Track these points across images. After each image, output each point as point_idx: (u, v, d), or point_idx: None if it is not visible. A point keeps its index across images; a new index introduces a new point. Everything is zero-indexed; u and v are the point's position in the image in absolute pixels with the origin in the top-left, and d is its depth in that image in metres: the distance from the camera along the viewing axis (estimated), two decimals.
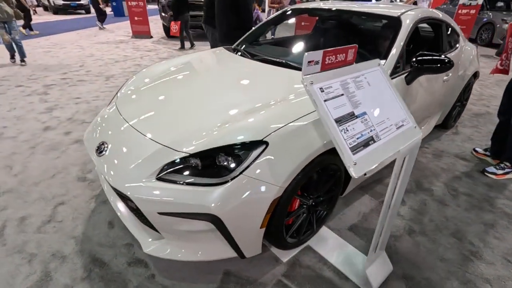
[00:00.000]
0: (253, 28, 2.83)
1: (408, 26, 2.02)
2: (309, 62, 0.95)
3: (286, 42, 2.72)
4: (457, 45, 2.74)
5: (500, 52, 7.13)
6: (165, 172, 1.33)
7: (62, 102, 3.77)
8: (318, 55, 0.97)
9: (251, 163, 1.26)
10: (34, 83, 4.46)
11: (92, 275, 1.53)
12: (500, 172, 2.38)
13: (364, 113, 1.05)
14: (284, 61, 2.06)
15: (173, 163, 1.33)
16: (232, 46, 2.67)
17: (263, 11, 5.63)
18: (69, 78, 4.73)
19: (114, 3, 13.80)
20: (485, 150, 2.68)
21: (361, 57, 1.78)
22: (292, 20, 2.71)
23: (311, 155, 1.35)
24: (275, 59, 2.10)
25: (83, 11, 15.49)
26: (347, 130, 0.98)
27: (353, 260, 1.65)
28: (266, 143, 1.29)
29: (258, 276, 1.55)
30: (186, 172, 1.32)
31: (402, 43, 1.93)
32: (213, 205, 1.22)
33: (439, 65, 1.87)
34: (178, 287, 1.48)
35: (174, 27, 6.43)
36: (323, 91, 0.98)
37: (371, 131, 1.04)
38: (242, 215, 1.28)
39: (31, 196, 2.09)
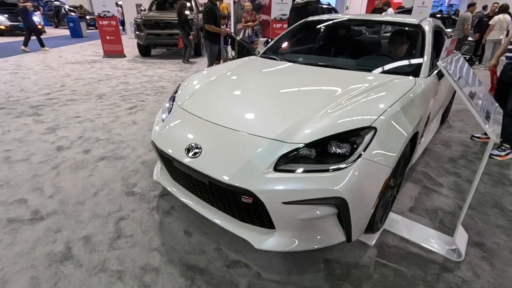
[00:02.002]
0: (274, 40, 3.00)
1: (430, 31, 2.34)
2: (446, 47, 1.12)
3: (319, 49, 2.91)
4: None
5: None
6: (282, 164, 1.37)
7: (62, 121, 3.50)
8: (448, 42, 1.14)
9: (366, 147, 1.37)
10: (17, 105, 4.06)
11: (197, 282, 1.47)
12: (503, 153, 2.78)
13: (476, 93, 1.24)
14: (333, 64, 2.25)
15: (287, 155, 1.38)
16: (260, 55, 2.79)
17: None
18: (56, 98, 4.39)
19: (71, 24, 13.09)
20: (485, 134, 3.12)
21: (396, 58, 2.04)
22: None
23: (407, 139, 1.51)
24: (326, 63, 2.27)
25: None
26: (476, 105, 1.15)
27: (427, 235, 1.81)
28: (375, 129, 1.41)
29: (356, 260, 1.62)
30: (302, 162, 1.38)
31: (431, 44, 2.23)
32: (340, 188, 1.29)
33: None
34: (288, 280, 1.49)
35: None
36: (453, 72, 1.15)
37: (486, 106, 1.22)
38: (362, 196, 1.37)
39: (82, 215, 1.92)
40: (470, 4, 7.54)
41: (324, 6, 10.21)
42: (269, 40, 3.13)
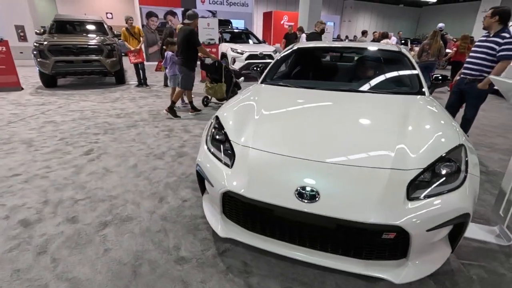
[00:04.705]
0: (269, 67, 2.98)
1: (410, 55, 2.79)
2: None
3: (324, 75, 3.01)
4: None
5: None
6: (412, 192, 1.38)
7: None
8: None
9: (466, 164, 1.51)
10: None
11: None
12: None
13: None
14: (353, 88, 2.40)
15: (412, 182, 1.41)
16: (263, 82, 2.73)
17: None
18: None
19: None
20: None
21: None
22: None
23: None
24: (346, 88, 2.40)
25: None
26: None
27: (471, 229, 2.10)
28: (464, 145, 1.58)
29: (449, 267, 1.74)
30: (421, 186, 1.42)
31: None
32: (467, 204, 1.39)
33: (441, 81, 2.69)
34: None
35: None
36: None
37: None
38: (472, 208, 1.50)
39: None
40: (363, 32, 9.30)
41: (240, 29, 10.73)
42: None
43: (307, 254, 1.50)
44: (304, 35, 9.17)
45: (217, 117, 2.02)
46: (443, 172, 1.48)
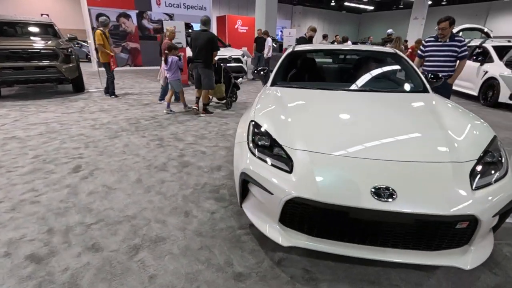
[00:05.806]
0: (275, 70, 2.95)
1: (404, 56, 3.01)
2: None
3: (332, 76, 3.06)
4: None
5: None
6: (473, 182, 1.48)
7: None
8: None
9: (504, 152, 1.67)
10: None
11: None
12: None
13: None
14: (364, 88, 2.51)
15: (472, 172, 1.51)
16: (274, 85, 2.70)
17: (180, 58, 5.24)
18: None
19: None
20: None
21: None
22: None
23: None
24: (360, 88, 2.48)
25: None
26: None
27: None
28: (496, 136, 1.74)
29: None
30: (474, 176, 1.53)
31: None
32: None
33: (435, 80, 2.95)
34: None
35: None
36: None
37: None
38: None
39: None
40: (324, 35, 9.79)
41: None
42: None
43: (380, 253, 1.50)
44: (269, 39, 9.34)
45: (254, 122, 1.93)
46: (491, 161, 1.60)
